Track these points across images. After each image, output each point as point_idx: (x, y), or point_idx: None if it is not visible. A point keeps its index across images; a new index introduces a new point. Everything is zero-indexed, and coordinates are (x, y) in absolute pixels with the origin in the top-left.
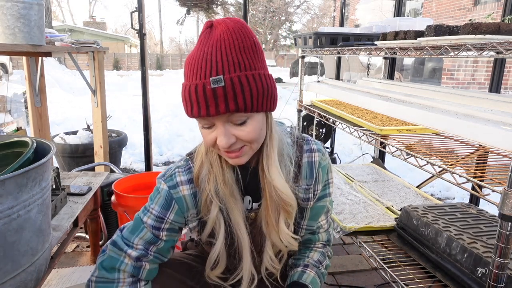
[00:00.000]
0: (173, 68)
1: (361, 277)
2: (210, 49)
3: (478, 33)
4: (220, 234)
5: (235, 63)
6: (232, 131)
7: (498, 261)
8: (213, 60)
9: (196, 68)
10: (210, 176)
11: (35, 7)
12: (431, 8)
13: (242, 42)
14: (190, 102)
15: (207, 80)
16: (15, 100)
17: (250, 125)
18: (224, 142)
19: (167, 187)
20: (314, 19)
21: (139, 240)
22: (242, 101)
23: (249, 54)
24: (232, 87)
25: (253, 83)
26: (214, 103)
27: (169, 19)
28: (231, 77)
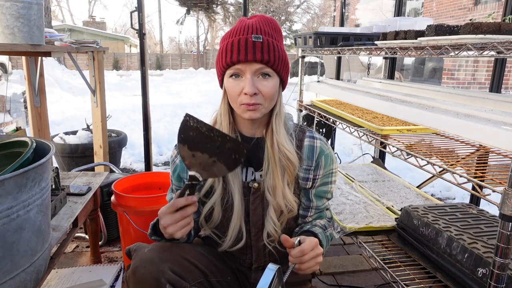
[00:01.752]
0: (173, 68)
1: (361, 277)
2: (250, 22)
3: (479, 33)
4: (218, 191)
5: (270, 33)
6: (256, 84)
7: (499, 262)
8: (254, 26)
9: (240, 30)
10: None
11: (34, 6)
12: (431, 8)
13: (274, 25)
14: (231, 51)
15: (250, 35)
16: (15, 100)
17: (271, 82)
18: (251, 89)
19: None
20: (314, 19)
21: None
22: (273, 57)
23: (278, 34)
24: (267, 44)
25: (280, 50)
26: (252, 51)
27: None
28: (268, 39)
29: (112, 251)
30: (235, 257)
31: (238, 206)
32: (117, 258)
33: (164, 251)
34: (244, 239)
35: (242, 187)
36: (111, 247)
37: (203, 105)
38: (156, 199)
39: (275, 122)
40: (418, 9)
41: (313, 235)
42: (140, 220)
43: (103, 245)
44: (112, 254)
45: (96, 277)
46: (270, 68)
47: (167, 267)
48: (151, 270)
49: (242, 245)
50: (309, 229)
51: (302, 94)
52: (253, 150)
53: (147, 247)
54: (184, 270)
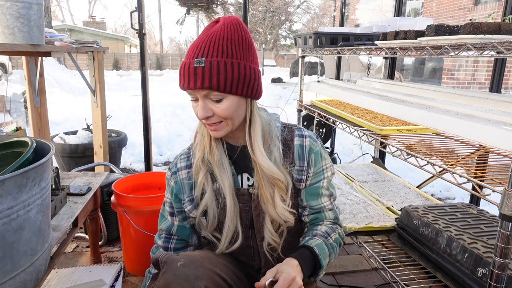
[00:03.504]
0: (173, 68)
1: (361, 277)
2: (205, 37)
3: (479, 33)
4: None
5: (219, 50)
6: (210, 106)
7: (499, 261)
8: (203, 45)
9: (190, 51)
10: (199, 146)
11: (34, 6)
12: (431, 8)
13: (231, 35)
14: (180, 76)
15: (192, 60)
16: (15, 100)
17: (224, 104)
18: (201, 113)
19: (170, 174)
20: (314, 19)
21: (162, 232)
22: (216, 81)
23: (235, 46)
24: (210, 68)
25: (229, 69)
26: (193, 79)
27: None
28: (211, 60)
29: (112, 251)
30: (245, 262)
31: (230, 207)
32: (117, 258)
33: (198, 268)
34: (239, 241)
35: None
36: (111, 247)
37: None
38: (156, 199)
39: (249, 135)
40: (418, 9)
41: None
42: (140, 220)
43: (103, 245)
44: (112, 254)
45: (96, 277)
46: (217, 92)
47: (203, 285)
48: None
49: (239, 247)
50: (306, 242)
51: (302, 94)
52: (242, 158)
53: (178, 260)
54: (217, 286)
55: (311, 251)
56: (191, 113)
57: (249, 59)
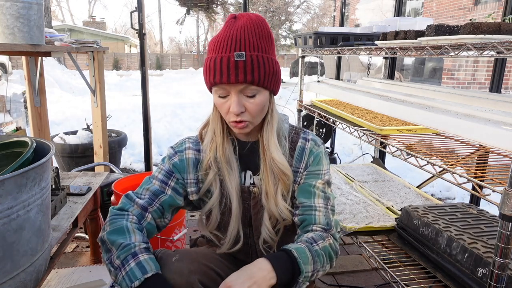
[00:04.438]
0: (173, 68)
1: (361, 277)
2: (235, 32)
3: (479, 33)
4: (215, 194)
5: (255, 45)
6: (243, 102)
7: (499, 262)
8: (237, 39)
9: (223, 45)
10: (212, 145)
11: (34, 6)
12: (431, 8)
13: (261, 30)
14: (213, 71)
15: (232, 53)
16: (15, 100)
17: (258, 99)
18: (237, 109)
19: (174, 151)
20: (314, 19)
21: (146, 191)
22: (257, 75)
23: (265, 42)
24: (251, 62)
25: (266, 63)
26: (235, 72)
27: (169, 19)
28: (251, 54)
29: None
30: (242, 260)
31: (236, 209)
32: None
33: (192, 262)
34: (241, 242)
35: (241, 191)
36: None
37: (203, 105)
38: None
39: (266, 130)
40: (418, 9)
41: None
42: None
43: None
44: None
45: (96, 277)
46: (255, 86)
47: (197, 279)
48: (181, 282)
49: (240, 247)
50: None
51: (302, 94)
52: (249, 154)
53: (173, 255)
54: (211, 281)
55: (288, 254)
56: (191, 113)
57: (274, 53)
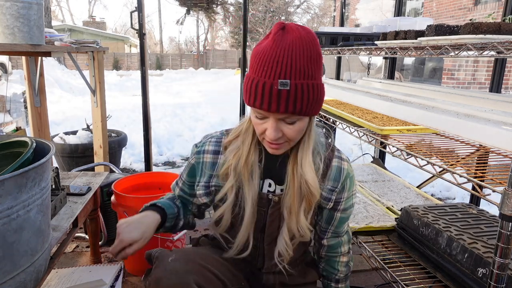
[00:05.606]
0: (173, 68)
1: (361, 277)
2: (282, 52)
3: (479, 33)
4: (229, 200)
5: (302, 71)
6: (281, 127)
7: (499, 262)
8: (283, 63)
9: (267, 67)
10: (236, 152)
11: (34, 6)
12: (431, 8)
13: (310, 52)
14: (255, 95)
15: (276, 81)
16: (15, 100)
17: (297, 126)
18: (273, 135)
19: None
20: (314, 19)
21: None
22: (300, 105)
23: (314, 65)
24: (295, 92)
25: (311, 92)
26: (276, 102)
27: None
28: (296, 83)
29: None
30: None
31: (248, 218)
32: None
33: (188, 262)
34: (249, 250)
35: (259, 198)
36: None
37: (203, 105)
38: (156, 199)
39: (302, 149)
40: (418, 9)
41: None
42: None
43: (103, 245)
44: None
45: (96, 277)
46: (297, 115)
47: (192, 279)
48: (175, 282)
49: (248, 254)
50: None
51: None
52: (276, 165)
53: (170, 255)
54: (207, 281)
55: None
56: (191, 113)
57: (321, 76)
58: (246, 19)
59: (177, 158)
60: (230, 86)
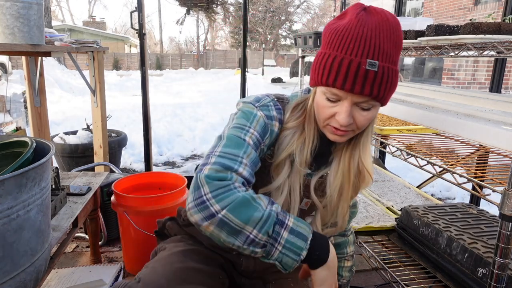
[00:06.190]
0: (173, 68)
1: (361, 277)
2: (369, 32)
3: (479, 33)
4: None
5: (388, 54)
6: (353, 113)
7: (499, 262)
8: (372, 43)
9: (353, 44)
10: (300, 136)
11: (34, 6)
12: (431, 8)
13: (396, 37)
14: (335, 73)
15: (364, 59)
16: (15, 100)
17: (370, 113)
18: (346, 120)
19: (264, 115)
20: (314, 18)
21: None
22: (384, 90)
23: (398, 50)
24: (382, 74)
25: (394, 78)
26: (361, 82)
27: (169, 19)
28: (384, 65)
29: (112, 251)
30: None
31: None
32: (117, 258)
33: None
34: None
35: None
36: (111, 247)
37: (203, 105)
38: (156, 199)
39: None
40: (418, 9)
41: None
42: (140, 220)
43: (103, 245)
44: (112, 254)
45: (96, 277)
46: (375, 101)
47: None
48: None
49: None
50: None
51: None
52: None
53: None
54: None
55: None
56: (191, 113)
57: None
58: (246, 19)
59: (177, 158)
60: (230, 86)
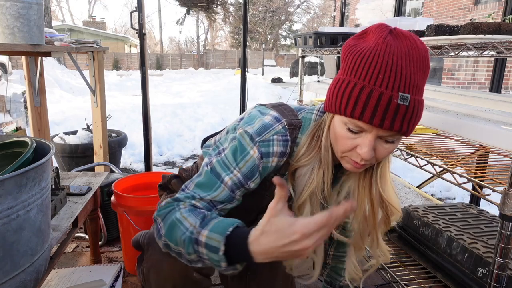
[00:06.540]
0: (173, 68)
1: None
2: (399, 61)
3: (479, 33)
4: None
5: (418, 86)
6: (376, 146)
7: (499, 262)
8: (403, 74)
9: (382, 74)
10: (319, 171)
11: (34, 6)
12: (431, 8)
13: (425, 66)
14: (363, 105)
15: (395, 93)
16: (15, 100)
17: (393, 146)
18: (368, 154)
19: (259, 155)
20: (314, 18)
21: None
22: (413, 125)
23: (424, 81)
24: (413, 109)
25: (421, 111)
26: (391, 117)
27: (169, 19)
28: (415, 99)
29: (112, 251)
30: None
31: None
32: (117, 258)
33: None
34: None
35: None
36: (111, 247)
37: (203, 105)
38: (156, 199)
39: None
40: (418, 9)
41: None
42: (140, 220)
43: (103, 245)
44: (112, 254)
45: (96, 277)
46: (402, 135)
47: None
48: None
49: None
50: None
51: (302, 94)
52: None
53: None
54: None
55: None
56: (191, 113)
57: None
58: (246, 19)
59: (177, 158)
60: (230, 86)
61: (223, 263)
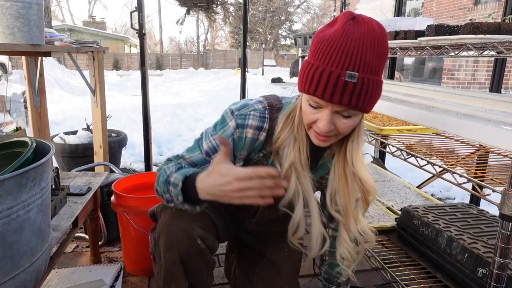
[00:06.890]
0: (173, 68)
1: (361, 277)
2: (352, 43)
3: (479, 33)
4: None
5: (370, 65)
6: (334, 120)
7: (499, 262)
8: (353, 54)
9: (335, 55)
10: (295, 145)
11: (34, 6)
12: (431, 8)
13: (381, 47)
14: (317, 83)
15: (343, 71)
16: (15, 100)
17: (352, 121)
18: (326, 128)
19: (235, 125)
20: (314, 19)
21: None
22: (362, 101)
23: (381, 61)
24: (361, 86)
25: (375, 89)
26: (340, 93)
27: (169, 19)
28: (364, 77)
29: (112, 251)
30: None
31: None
32: (117, 258)
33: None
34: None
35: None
36: (111, 247)
37: (203, 105)
38: (156, 199)
39: (350, 147)
40: (418, 9)
41: None
42: (140, 220)
43: (103, 245)
44: (112, 254)
45: (96, 277)
46: (355, 110)
47: (196, 225)
48: (183, 227)
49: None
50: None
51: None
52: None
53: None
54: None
55: None
56: (191, 113)
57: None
58: (246, 19)
59: None
60: (230, 86)
61: (180, 197)
